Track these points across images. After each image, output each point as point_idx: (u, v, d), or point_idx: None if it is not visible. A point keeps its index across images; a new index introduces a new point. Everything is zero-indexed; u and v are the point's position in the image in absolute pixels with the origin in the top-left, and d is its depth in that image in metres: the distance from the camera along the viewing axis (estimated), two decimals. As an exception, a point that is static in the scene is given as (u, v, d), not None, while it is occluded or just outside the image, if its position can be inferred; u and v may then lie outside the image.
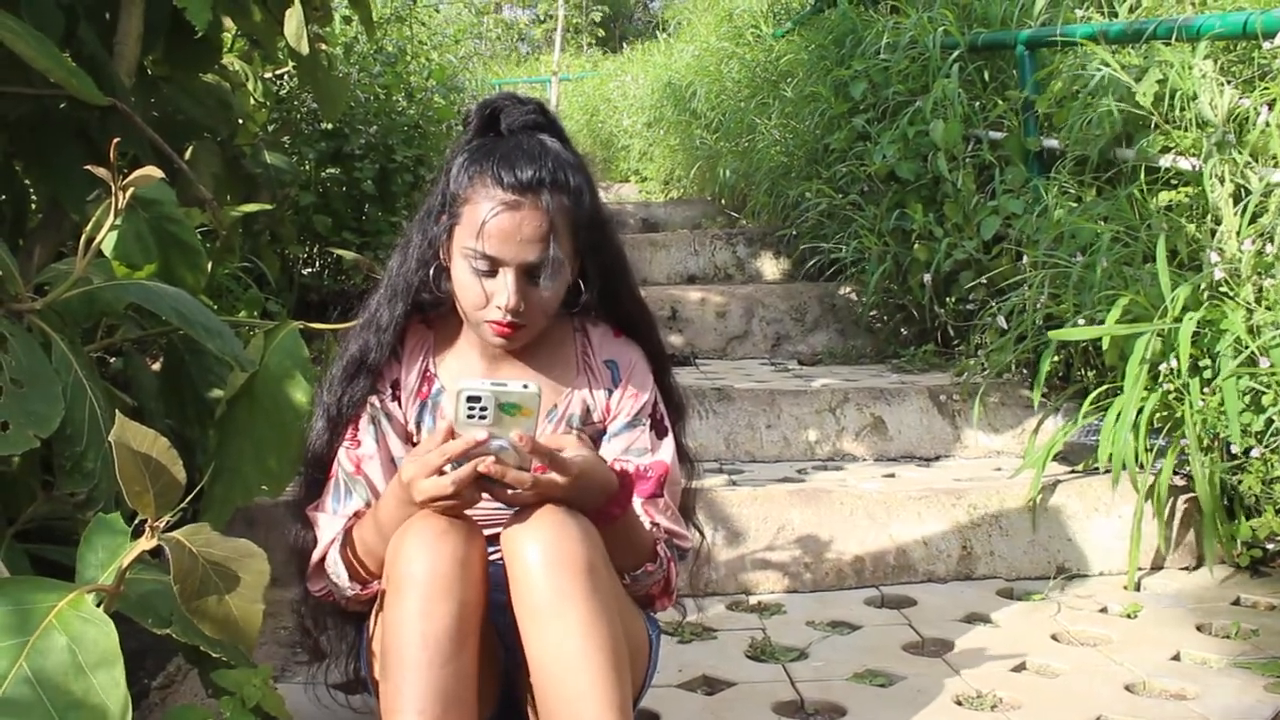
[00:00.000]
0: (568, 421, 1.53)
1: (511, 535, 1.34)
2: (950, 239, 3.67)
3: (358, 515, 1.47)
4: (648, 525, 1.50)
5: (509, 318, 1.41)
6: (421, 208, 1.53)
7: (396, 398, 1.52)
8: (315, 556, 1.48)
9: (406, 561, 1.31)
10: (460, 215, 1.43)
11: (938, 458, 3.14)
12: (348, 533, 1.46)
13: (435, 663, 1.28)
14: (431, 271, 1.49)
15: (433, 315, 1.56)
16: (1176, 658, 2.01)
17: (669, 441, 1.57)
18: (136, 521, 1.13)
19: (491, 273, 1.41)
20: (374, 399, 1.50)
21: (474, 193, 1.41)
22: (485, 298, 1.42)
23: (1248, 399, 2.33)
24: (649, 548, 1.48)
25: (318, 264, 4.33)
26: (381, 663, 1.32)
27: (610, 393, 1.55)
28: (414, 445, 1.52)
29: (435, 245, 1.48)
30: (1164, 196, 2.86)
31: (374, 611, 1.47)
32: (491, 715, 1.49)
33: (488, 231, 1.38)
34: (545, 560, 1.30)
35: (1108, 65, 3.00)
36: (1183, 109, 2.82)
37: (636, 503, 1.51)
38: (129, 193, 1.49)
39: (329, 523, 1.48)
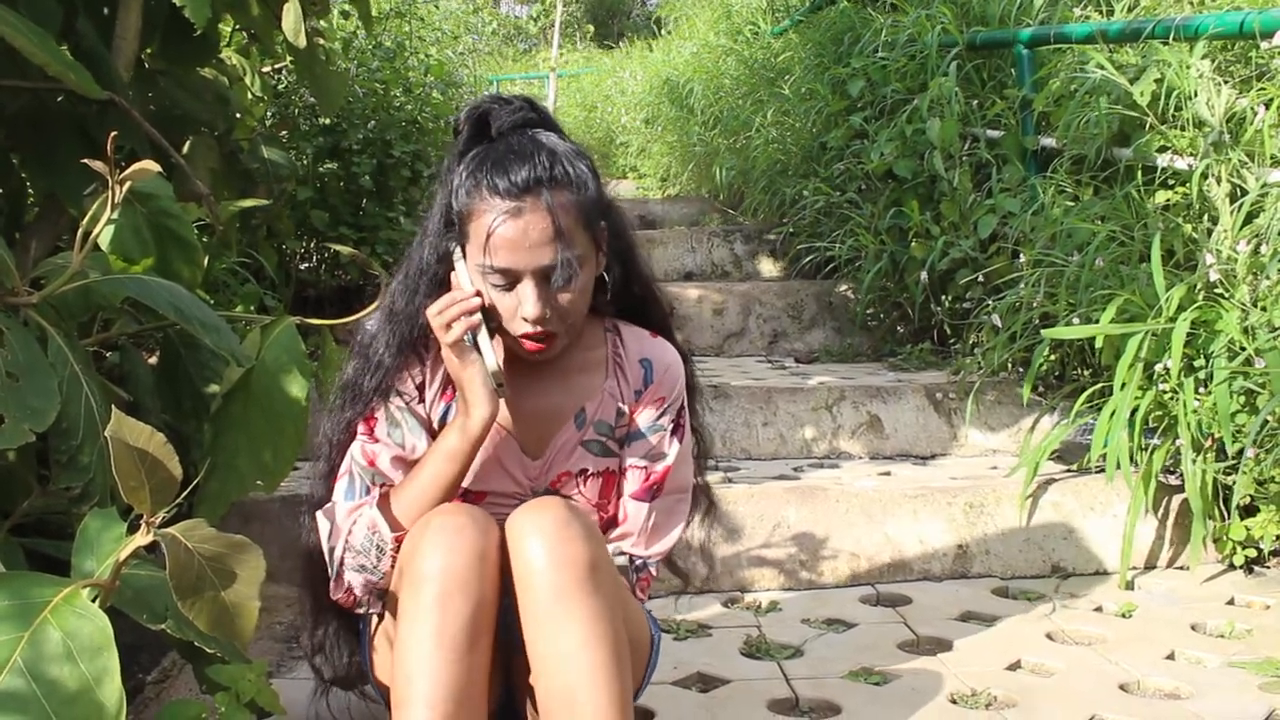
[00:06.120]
0: (595, 427, 1.52)
1: (514, 533, 1.34)
2: (947, 237, 3.67)
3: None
4: (628, 545, 1.52)
5: (537, 328, 1.39)
6: (421, 226, 1.50)
7: (422, 400, 1.50)
8: (335, 553, 1.44)
9: (424, 557, 1.31)
10: (468, 233, 1.39)
11: (934, 456, 3.14)
12: (384, 498, 1.45)
13: (449, 659, 1.28)
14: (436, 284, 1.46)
15: None
16: (1171, 657, 2.02)
17: (681, 448, 1.55)
18: (132, 516, 1.13)
19: (510, 286, 1.38)
20: (397, 400, 1.48)
21: (474, 207, 1.37)
22: (510, 312, 1.40)
23: (1242, 399, 2.34)
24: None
25: (315, 259, 4.32)
26: (395, 656, 1.32)
27: (640, 393, 1.53)
28: None
29: (443, 261, 1.45)
30: (1161, 196, 2.86)
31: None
32: (498, 708, 1.49)
33: (494, 244, 1.35)
34: (548, 559, 1.30)
35: (1104, 68, 3.01)
36: (1179, 108, 2.82)
37: (629, 503, 1.52)
38: (126, 187, 1.48)
39: (341, 511, 1.46)
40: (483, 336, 1.40)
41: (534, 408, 1.52)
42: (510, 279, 1.38)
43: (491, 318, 1.41)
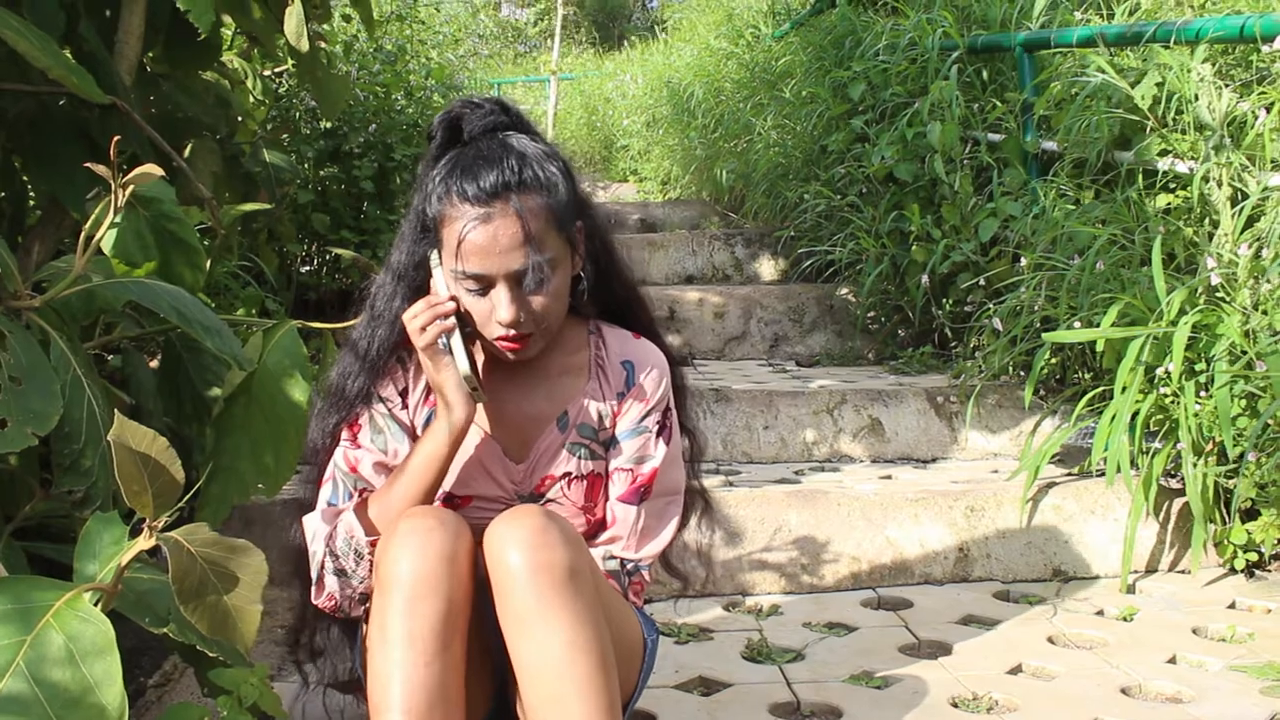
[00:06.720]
0: (578, 430, 1.52)
1: (491, 541, 1.33)
2: (948, 241, 3.67)
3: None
4: (618, 548, 1.52)
5: (511, 331, 1.39)
6: (400, 230, 1.51)
7: (405, 406, 1.51)
8: (317, 557, 1.45)
9: (393, 560, 1.32)
10: (441, 239, 1.41)
11: (935, 460, 3.14)
12: (363, 503, 1.46)
13: (420, 661, 1.28)
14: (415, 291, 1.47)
15: None
16: (1173, 661, 2.02)
17: (668, 450, 1.54)
18: (134, 520, 1.13)
19: (483, 291, 1.39)
20: (379, 407, 1.50)
21: (445, 213, 1.39)
22: (484, 316, 1.40)
23: (1243, 403, 2.34)
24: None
25: (316, 262, 4.33)
26: (369, 660, 1.32)
27: (623, 395, 1.53)
28: None
29: (419, 267, 1.46)
30: (1162, 200, 2.86)
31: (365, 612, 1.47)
32: (487, 715, 1.49)
33: (465, 251, 1.36)
34: (526, 567, 1.30)
35: (1104, 72, 3.01)
36: (1180, 112, 2.82)
37: (617, 506, 1.52)
38: (128, 191, 1.49)
39: (325, 515, 1.47)
40: (456, 340, 1.41)
41: (516, 411, 1.52)
42: (483, 284, 1.38)
43: (467, 322, 1.43)
